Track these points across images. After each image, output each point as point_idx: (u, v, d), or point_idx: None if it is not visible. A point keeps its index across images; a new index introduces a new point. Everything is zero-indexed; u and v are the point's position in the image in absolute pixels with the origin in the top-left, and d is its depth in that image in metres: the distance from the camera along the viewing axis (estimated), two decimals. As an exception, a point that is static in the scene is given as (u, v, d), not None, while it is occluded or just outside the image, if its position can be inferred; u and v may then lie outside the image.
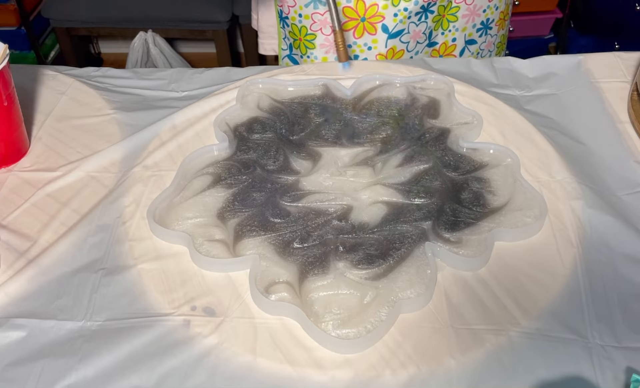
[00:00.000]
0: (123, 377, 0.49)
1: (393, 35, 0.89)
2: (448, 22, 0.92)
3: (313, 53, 0.93)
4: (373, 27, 0.88)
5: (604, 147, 0.69)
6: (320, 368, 0.49)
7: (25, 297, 0.55)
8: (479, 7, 0.92)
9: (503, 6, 0.95)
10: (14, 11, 1.97)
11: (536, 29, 2.05)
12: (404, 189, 0.63)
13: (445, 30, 0.93)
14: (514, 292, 0.53)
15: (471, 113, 0.71)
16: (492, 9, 0.93)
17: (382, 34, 0.89)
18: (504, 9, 0.96)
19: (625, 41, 1.80)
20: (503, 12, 0.96)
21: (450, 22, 0.92)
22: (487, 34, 0.97)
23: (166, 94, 0.78)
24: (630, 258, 0.56)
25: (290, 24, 0.93)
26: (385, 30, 0.88)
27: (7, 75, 0.65)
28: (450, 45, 0.95)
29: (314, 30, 0.91)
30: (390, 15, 0.87)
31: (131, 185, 0.64)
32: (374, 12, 0.87)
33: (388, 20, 0.87)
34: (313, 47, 0.93)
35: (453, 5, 0.90)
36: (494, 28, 0.97)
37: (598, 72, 0.79)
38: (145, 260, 0.57)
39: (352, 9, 0.87)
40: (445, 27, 0.93)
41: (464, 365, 0.49)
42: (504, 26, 0.99)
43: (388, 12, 0.87)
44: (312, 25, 0.91)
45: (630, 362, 0.48)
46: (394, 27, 0.88)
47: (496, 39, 0.98)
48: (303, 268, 0.55)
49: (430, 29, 0.91)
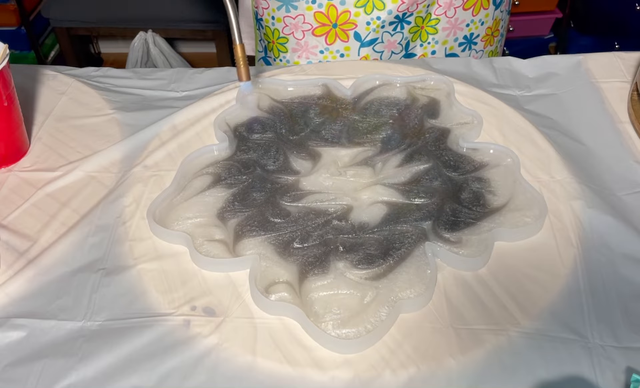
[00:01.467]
0: (123, 377, 0.49)
1: (366, 43, 0.87)
2: (427, 34, 0.90)
3: (285, 56, 0.92)
4: (345, 34, 0.86)
5: (604, 147, 0.69)
6: (320, 368, 0.49)
7: (25, 297, 0.55)
8: (460, 20, 0.89)
9: (490, 22, 0.92)
10: (13, 11, 1.97)
11: (536, 29, 2.05)
12: (404, 189, 0.63)
13: (424, 42, 0.91)
14: (514, 292, 0.53)
15: (471, 113, 0.71)
16: (476, 23, 0.90)
17: (355, 41, 0.87)
18: (491, 25, 0.92)
19: (625, 41, 1.80)
20: (490, 28, 0.93)
21: (429, 34, 0.90)
22: (470, 49, 0.94)
23: (166, 94, 0.78)
24: (630, 258, 0.56)
25: (264, 26, 0.92)
26: (357, 38, 0.86)
27: (7, 75, 0.65)
28: (429, 57, 0.92)
29: (286, 34, 0.90)
30: (363, 23, 0.85)
31: (131, 185, 0.64)
32: (346, 19, 0.85)
33: (361, 28, 0.85)
34: (285, 50, 0.91)
35: (432, 17, 0.88)
36: (479, 43, 0.94)
37: (598, 72, 0.79)
38: (145, 260, 0.57)
39: (323, 14, 0.85)
40: (424, 39, 0.90)
41: (464, 365, 0.49)
42: (493, 42, 0.96)
43: (360, 20, 0.85)
44: (284, 28, 0.89)
45: (630, 362, 0.48)
46: (366, 35, 0.86)
47: (482, 54, 0.95)
48: (303, 268, 0.55)
49: (407, 40, 0.89)
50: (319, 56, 0.90)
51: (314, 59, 0.91)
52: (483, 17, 0.90)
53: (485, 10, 0.88)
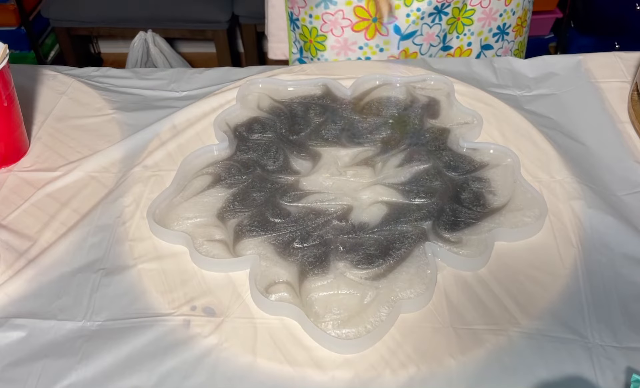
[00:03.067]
0: (123, 377, 0.49)
1: (405, 36, 0.87)
2: (463, 26, 0.90)
3: (324, 55, 0.92)
4: (385, 27, 0.86)
5: (604, 147, 0.69)
6: (320, 368, 0.49)
7: (25, 297, 0.55)
8: (495, 10, 0.89)
9: (520, 11, 0.92)
10: (13, 11, 1.97)
11: (536, 29, 2.05)
12: (404, 189, 0.63)
13: (461, 34, 0.91)
14: (514, 292, 0.53)
15: (471, 113, 0.71)
16: (508, 13, 0.91)
17: (395, 35, 0.87)
18: (521, 15, 0.93)
19: (625, 41, 1.80)
20: (520, 18, 0.93)
21: (465, 25, 0.90)
22: (503, 40, 0.94)
23: (166, 93, 0.78)
24: (630, 258, 0.56)
25: (300, 25, 0.92)
26: (397, 31, 0.86)
27: (7, 75, 0.65)
28: (465, 49, 0.92)
29: (324, 32, 0.89)
30: (403, 15, 0.85)
31: (131, 185, 0.64)
32: None
33: (401, 20, 0.85)
34: (324, 48, 0.91)
35: (468, 7, 0.88)
36: (510, 34, 0.94)
37: (598, 72, 0.79)
38: (145, 260, 0.57)
39: (363, 8, 0.85)
40: (460, 31, 0.90)
41: (464, 365, 0.49)
42: (522, 33, 0.96)
43: (400, 13, 0.85)
44: (322, 26, 0.89)
45: (630, 362, 0.48)
46: (406, 28, 0.86)
47: (513, 45, 0.95)
48: (303, 268, 0.55)
49: (444, 32, 0.89)
50: (359, 52, 0.89)
51: (353, 56, 0.90)
52: (514, 6, 0.90)
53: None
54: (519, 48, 0.98)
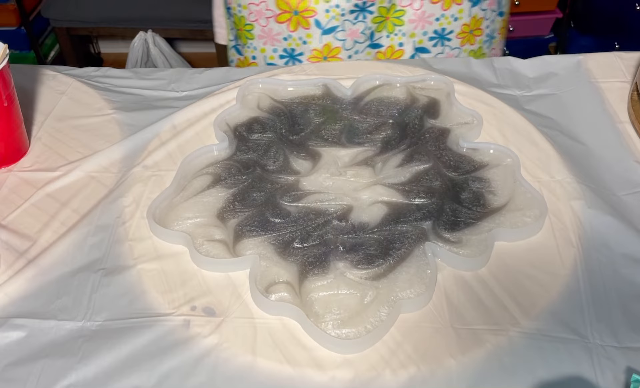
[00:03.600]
0: (123, 377, 0.49)
1: (327, 31, 0.88)
2: (393, 26, 0.89)
3: (252, 43, 0.93)
4: (306, 21, 0.87)
5: (604, 147, 0.69)
6: (320, 368, 0.49)
7: (25, 297, 0.55)
8: (429, 14, 0.88)
9: (467, 19, 0.89)
10: (13, 11, 1.97)
11: (536, 29, 2.05)
12: (404, 189, 0.63)
13: (391, 34, 0.90)
14: (514, 292, 0.53)
15: (471, 113, 0.71)
16: (447, 18, 0.88)
17: (316, 28, 0.87)
18: (468, 22, 0.90)
19: (625, 41, 1.80)
20: (468, 25, 0.90)
21: (395, 25, 0.89)
22: (444, 45, 0.91)
23: (166, 94, 0.78)
24: (630, 258, 0.56)
25: (232, 13, 0.94)
26: (318, 25, 0.87)
27: (7, 75, 0.65)
28: (397, 49, 0.91)
29: (251, 21, 0.91)
30: (322, 10, 0.86)
31: (131, 185, 0.64)
32: (306, 6, 0.86)
33: (320, 15, 0.86)
34: (252, 37, 0.92)
35: (397, 8, 0.87)
36: (454, 40, 0.91)
37: (598, 72, 0.79)
38: (145, 260, 0.57)
39: (284, 1, 0.87)
40: (391, 30, 0.89)
41: (464, 365, 0.49)
42: (474, 41, 0.93)
43: (320, 7, 0.86)
44: (249, 15, 0.90)
45: (630, 362, 0.48)
46: (327, 22, 0.87)
47: (460, 53, 0.93)
48: (303, 268, 0.55)
49: (371, 30, 0.89)
50: (284, 43, 0.91)
51: (279, 47, 0.91)
52: (456, 12, 0.88)
53: (459, 6, 0.86)
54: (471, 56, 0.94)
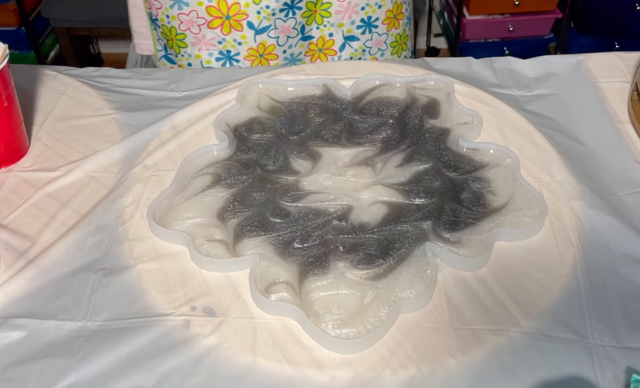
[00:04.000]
0: (123, 377, 0.49)
1: (260, 31, 0.90)
2: (322, 18, 0.93)
3: (186, 51, 0.95)
4: (239, 24, 0.89)
5: (604, 147, 0.69)
6: (320, 368, 0.49)
7: (25, 297, 0.55)
8: (354, 4, 0.91)
9: (390, 5, 0.94)
10: (13, 11, 1.97)
11: (536, 29, 2.05)
12: (404, 189, 0.63)
13: (320, 25, 0.94)
14: (514, 292, 0.53)
15: (471, 113, 0.71)
16: (372, 7, 0.93)
17: (249, 30, 0.90)
18: (391, 8, 0.94)
19: (625, 41, 1.81)
20: (392, 11, 0.94)
21: (324, 17, 0.93)
22: (371, 32, 0.96)
23: (166, 94, 0.78)
24: (630, 258, 0.56)
25: (160, 25, 0.95)
26: (251, 26, 0.90)
27: (7, 75, 0.65)
28: (327, 39, 0.96)
29: (182, 30, 0.92)
30: (254, 12, 0.89)
31: (131, 185, 0.64)
32: (237, 10, 0.88)
33: (252, 17, 0.89)
34: (185, 45, 0.94)
35: (324, 1, 0.91)
36: (380, 27, 0.96)
37: (598, 72, 0.79)
38: (145, 260, 0.57)
39: (214, 7, 0.88)
40: (320, 22, 0.94)
41: (464, 365, 0.49)
42: (398, 25, 0.98)
43: (251, 10, 0.89)
44: (180, 25, 0.92)
45: (630, 362, 0.48)
46: (259, 23, 0.89)
47: (387, 38, 0.97)
48: (303, 268, 0.55)
49: (301, 24, 0.92)
50: (219, 46, 0.93)
51: (214, 50, 0.93)
52: (380, 0, 0.91)
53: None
54: (397, 40, 0.99)
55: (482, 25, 2.04)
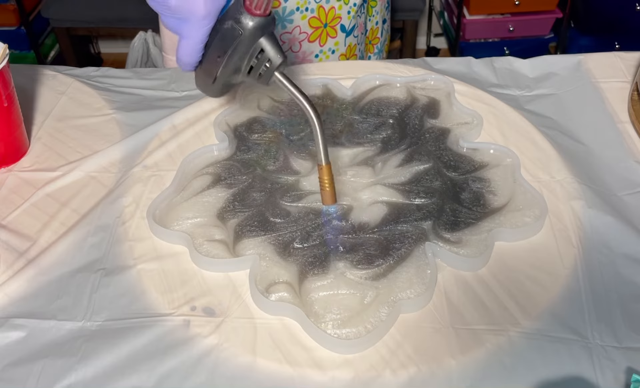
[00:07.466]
0: (123, 377, 0.49)
1: (349, 32, 0.92)
2: (371, 8, 0.97)
3: None
4: (334, 29, 0.90)
5: (604, 147, 0.69)
6: (320, 368, 0.49)
7: (25, 297, 0.55)
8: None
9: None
10: (13, 11, 1.97)
11: (536, 29, 2.05)
12: (404, 189, 0.63)
13: (371, 16, 0.97)
14: (514, 292, 0.53)
15: (471, 113, 0.71)
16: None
17: (341, 34, 0.91)
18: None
19: (625, 41, 1.81)
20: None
21: (372, 7, 0.97)
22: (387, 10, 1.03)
23: (166, 93, 0.78)
24: (630, 258, 0.56)
25: None
26: (343, 29, 0.91)
27: (7, 75, 0.65)
28: (375, 28, 0.99)
29: None
30: (345, 13, 0.89)
31: (131, 185, 0.64)
32: (333, 15, 0.89)
33: (344, 19, 0.90)
34: None
35: None
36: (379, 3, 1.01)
37: (598, 72, 0.79)
38: (145, 260, 0.57)
39: (315, 18, 0.88)
40: (370, 14, 0.97)
41: (464, 365, 0.48)
42: None
43: (343, 11, 0.89)
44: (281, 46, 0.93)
45: (631, 362, 0.48)
46: (349, 24, 0.90)
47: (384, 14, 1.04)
48: (303, 268, 0.55)
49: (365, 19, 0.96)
50: (315, 60, 0.92)
51: None
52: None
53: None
54: None
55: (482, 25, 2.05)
